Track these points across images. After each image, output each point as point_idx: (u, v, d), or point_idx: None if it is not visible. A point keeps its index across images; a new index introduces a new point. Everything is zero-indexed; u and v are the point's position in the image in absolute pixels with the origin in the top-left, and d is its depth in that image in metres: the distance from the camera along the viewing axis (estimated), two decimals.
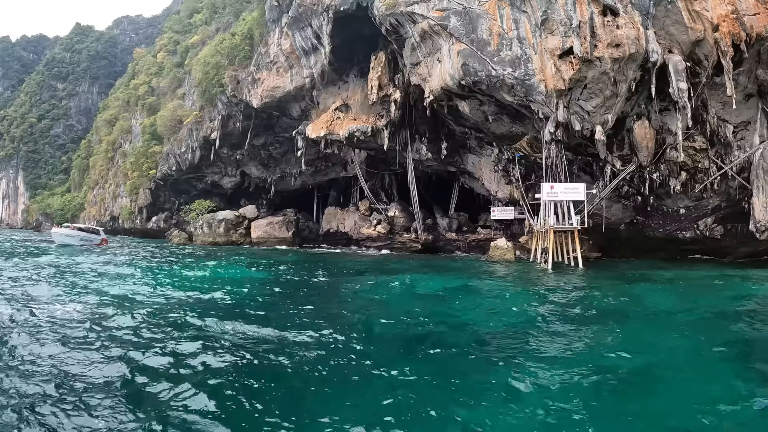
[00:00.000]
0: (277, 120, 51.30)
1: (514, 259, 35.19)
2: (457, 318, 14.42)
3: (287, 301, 17.40)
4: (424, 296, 18.37)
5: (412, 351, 11.08)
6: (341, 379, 9.20)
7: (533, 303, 17.88)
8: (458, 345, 11.50)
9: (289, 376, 9.27)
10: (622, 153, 34.49)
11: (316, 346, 11.05)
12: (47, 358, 9.79)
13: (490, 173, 41.38)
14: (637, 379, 9.55)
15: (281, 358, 10.20)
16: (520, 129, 35.66)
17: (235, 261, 32.49)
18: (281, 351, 10.68)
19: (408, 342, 11.78)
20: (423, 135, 40.80)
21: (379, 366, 9.77)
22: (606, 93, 30.06)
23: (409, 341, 11.83)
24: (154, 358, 9.89)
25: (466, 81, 31.03)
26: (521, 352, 11.10)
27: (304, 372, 9.49)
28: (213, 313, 14.06)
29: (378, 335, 12.48)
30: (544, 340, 12.30)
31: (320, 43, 40.66)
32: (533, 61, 29.79)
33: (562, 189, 31.76)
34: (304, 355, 10.42)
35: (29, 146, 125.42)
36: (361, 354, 10.67)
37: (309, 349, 10.85)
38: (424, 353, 10.98)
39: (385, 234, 43.74)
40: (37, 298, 16.00)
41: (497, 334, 12.91)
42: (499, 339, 12.30)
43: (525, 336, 12.52)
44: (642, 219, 38.92)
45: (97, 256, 34.52)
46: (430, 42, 33.29)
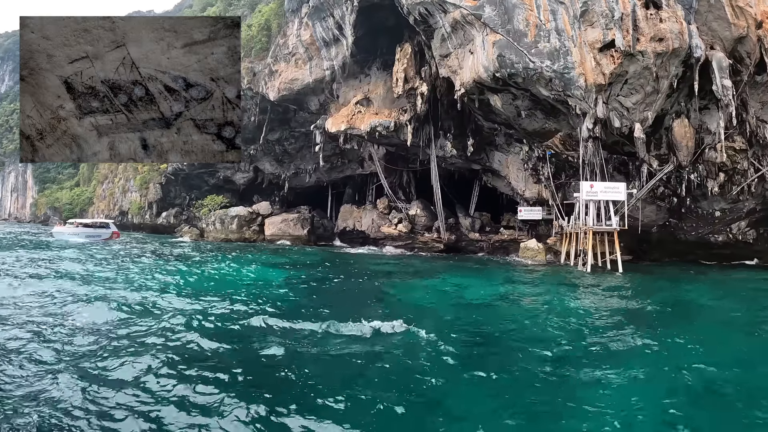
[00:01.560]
0: (294, 114, 49.75)
1: (545, 261, 33.62)
2: (519, 331, 12.80)
3: (331, 305, 15.89)
4: (473, 304, 16.72)
5: (494, 381, 9.48)
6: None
7: (591, 312, 16.31)
8: (532, 364, 9.95)
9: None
10: (660, 152, 33.37)
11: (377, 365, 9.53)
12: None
13: (518, 171, 39.70)
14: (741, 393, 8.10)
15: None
16: (554, 125, 34.07)
17: (258, 260, 30.81)
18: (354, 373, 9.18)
19: (483, 369, 10.14)
20: (448, 131, 39.13)
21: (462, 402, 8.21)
22: (647, 89, 29.11)
23: (483, 365, 10.20)
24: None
25: (501, 73, 29.46)
26: (603, 372, 9.49)
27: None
28: (258, 317, 12.63)
29: (442, 353, 10.87)
30: (624, 355, 10.80)
31: (342, 34, 39.10)
32: (572, 54, 28.45)
33: (602, 188, 30.13)
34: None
35: None
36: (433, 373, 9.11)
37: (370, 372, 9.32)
38: (503, 377, 9.38)
39: (406, 233, 42.09)
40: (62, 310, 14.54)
41: (568, 349, 11.33)
42: (574, 356, 10.73)
43: (601, 353, 10.93)
44: (675, 221, 38.07)
45: (111, 257, 33.16)
46: (462, 32, 31.70)
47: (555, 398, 7.91)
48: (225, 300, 14.89)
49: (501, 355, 10.26)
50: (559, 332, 12.50)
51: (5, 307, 12.98)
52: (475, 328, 12.33)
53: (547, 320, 13.92)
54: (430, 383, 8.48)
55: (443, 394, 8.15)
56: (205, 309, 13.69)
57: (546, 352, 10.50)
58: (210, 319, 12.38)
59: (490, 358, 10.06)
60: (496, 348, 10.92)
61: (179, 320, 12.24)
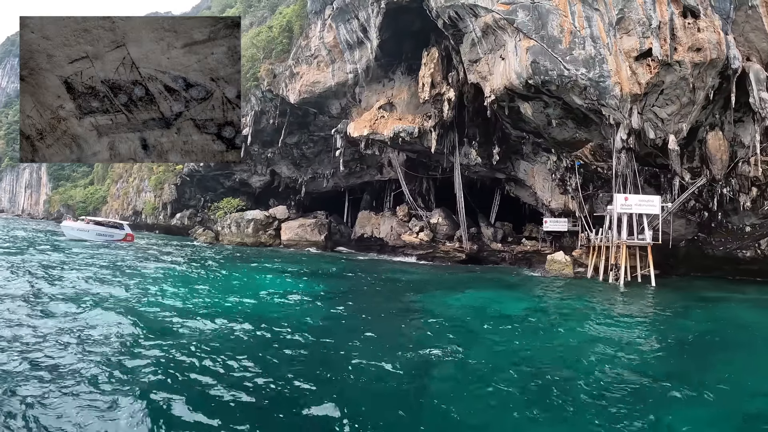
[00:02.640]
0: (314, 118, 49.02)
1: (573, 274, 32.53)
2: (582, 369, 11.70)
3: (368, 326, 14.91)
4: (517, 328, 15.62)
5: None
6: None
7: (641, 333, 15.25)
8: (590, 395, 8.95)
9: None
10: (692, 165, 32.49)
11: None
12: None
13: (544, 181, 38.62)
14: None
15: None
16: (585, 135, 33.05)
17: (281, 269, 29.43)
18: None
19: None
20: (473, 138, 38.14)
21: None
22: (683, 100, 28.35)
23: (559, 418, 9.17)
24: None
25: (534, 80, 28.51)
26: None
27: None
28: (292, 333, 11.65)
29: (502, 393, 9.85)
30: (694, 385, 9.72)
31: (367, 37, 38.30)
32: (608, 62, 27.58)
33: (636, 201, 29.07)
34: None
35: None
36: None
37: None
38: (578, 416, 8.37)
39: (427, 242, 41.06)
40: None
41: (624, 378, 10.31)
42: (632, 388, 9.70)
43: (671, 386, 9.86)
44: (704, 236, 37.19)
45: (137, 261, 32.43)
46: (493, 38, 30.79)
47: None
48: (259, 322, 13.79)
49: (573, 401, 9.13)
50: (600, 363, 11.40)
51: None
52: (529, 363, 11.12)
53: (607, 352, 12.80)
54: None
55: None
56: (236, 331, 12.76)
57: (622, 394, 9.42)
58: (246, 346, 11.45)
59: (562, 407, 8.95)
60: (564, 390, 9.74)
61: (220, 343, 11.37)
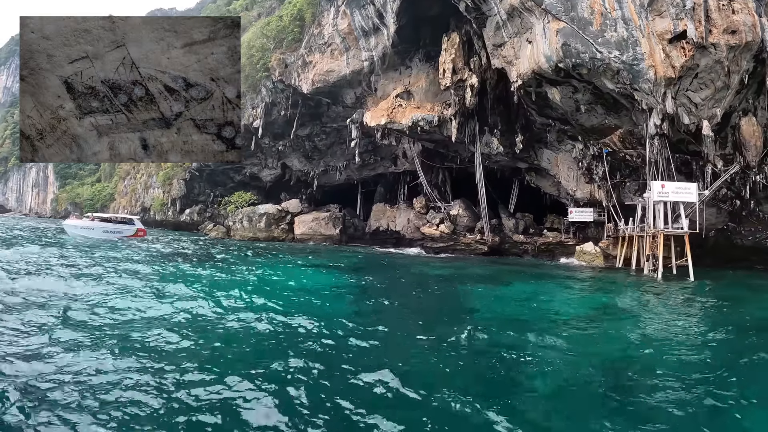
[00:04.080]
0: (327, 108, 47.75)
1: (603, 265, 31.31)
2: (661, 358, 10.47)
3: (422, 324, 13.69)
4: (581, 327, 14.28)
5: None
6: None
7: (706, 330, 14.01)
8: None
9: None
10: (725, 152, 31.33)
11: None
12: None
13: (568, 170, 37.28)
14: None
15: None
16: (614, 121, 31.76)
17: (304, 263, 27.78)
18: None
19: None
20: (495, 127, 36.78)
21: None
22: (717, 84, 27.21)
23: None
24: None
25: (565, 63, 27.23)
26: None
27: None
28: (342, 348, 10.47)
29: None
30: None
31: (383, 23, 36.92)
32: (641, 45, 26.26)
33: (673, 189, 27.81)
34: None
35: None
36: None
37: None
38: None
39: (448, 234, 39.78)
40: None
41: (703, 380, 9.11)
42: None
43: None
44: (733, 225, 36.25)
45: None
46: (519, 20, 29.47)
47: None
48: (291, 317, 12.59)
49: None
50: (675, 363, 10.16)
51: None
52: (612, 378, 9.61)
53: (689, 347, 11.56)
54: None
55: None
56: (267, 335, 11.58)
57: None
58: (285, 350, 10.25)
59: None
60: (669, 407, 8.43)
61: (256, 345, 10.22)
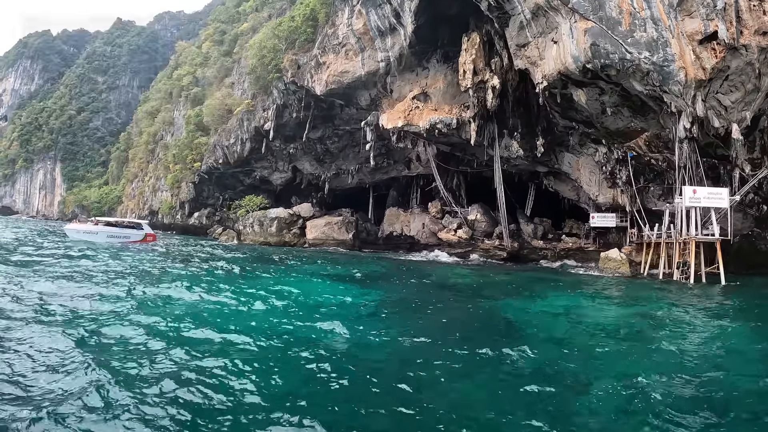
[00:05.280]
0: (340, 110, 46.89)
1: (630, 272, 30.21)
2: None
3: (468, 346, 12.58)
4: (619, 335, 13.26)
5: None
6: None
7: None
8: None
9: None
10: (753, 156, 30.26)
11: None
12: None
13: (590, 175, 36.19)
14: None
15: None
16: (640, 125, 30.73)
17: (323, 272, 25.78)
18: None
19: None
20: (515, 129, 35.77)
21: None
22: (747, 87, 26.20)
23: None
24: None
25: (593, 64, 26.23)
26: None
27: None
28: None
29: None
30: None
31: (400, 23, 36.03)
32: (671, 46, 25.28)
33: (704, 194, 26.72)
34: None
35: (68, 138, 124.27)
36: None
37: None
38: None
39: (466, 240, 38.72)
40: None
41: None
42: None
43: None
44: (758, 231, 35.06)
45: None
46: (544, 19, 28.50)
47: None
48: (314, 346, 10.73)
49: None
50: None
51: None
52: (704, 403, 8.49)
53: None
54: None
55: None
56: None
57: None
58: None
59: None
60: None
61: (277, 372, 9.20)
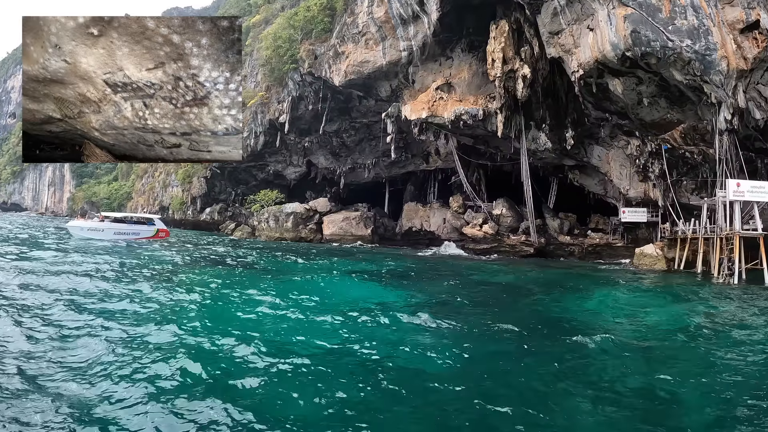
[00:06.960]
0: (357, 102, 45.81)
1: (666, 268, 29.13)
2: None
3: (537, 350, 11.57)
4: (688, 335, 12.20)
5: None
6: None
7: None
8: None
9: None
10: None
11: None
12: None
13: (621, 168, 35.02)
14: None
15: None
16: (677, 116, 29.60)
17: (354, 270, 24.73)
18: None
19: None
20: (543, 121, 34.61)
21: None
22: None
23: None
24: None
25: (633, 52, 25.14)
26: None
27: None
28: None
29: None
30: None
31: (424, 11, 34.83)
32: (713, 34, 24.26)
33: (748, 188, 25.60)
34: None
35: None
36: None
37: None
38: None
39: (492, 235, 37.64)
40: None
41: None
42: None
43: None
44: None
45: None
46: (579, 6, 27.37)
47: None
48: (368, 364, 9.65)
49: None
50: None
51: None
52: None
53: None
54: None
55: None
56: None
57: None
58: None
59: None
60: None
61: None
